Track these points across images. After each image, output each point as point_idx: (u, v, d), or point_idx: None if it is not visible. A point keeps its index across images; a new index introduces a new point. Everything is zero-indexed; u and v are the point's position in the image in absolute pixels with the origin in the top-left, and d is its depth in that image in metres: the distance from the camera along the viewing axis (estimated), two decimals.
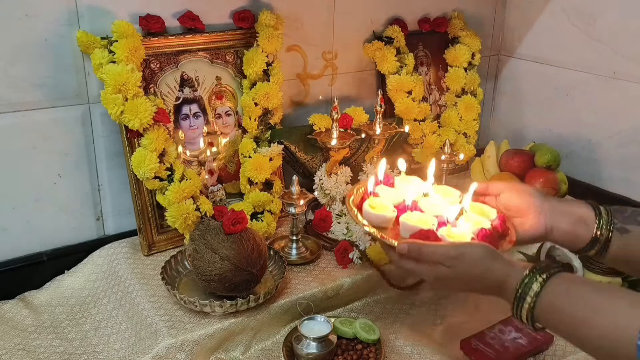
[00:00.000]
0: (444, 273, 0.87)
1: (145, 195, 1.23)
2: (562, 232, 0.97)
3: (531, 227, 0.98)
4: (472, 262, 0.86)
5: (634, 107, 1.53)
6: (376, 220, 0.97)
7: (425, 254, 0.87)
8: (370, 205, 0.99)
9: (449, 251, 0.87)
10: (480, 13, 1.78)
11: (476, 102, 1.66)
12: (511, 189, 1.02)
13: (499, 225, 0.98)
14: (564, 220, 0.97)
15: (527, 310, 0.81)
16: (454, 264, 0.86)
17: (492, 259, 0.86)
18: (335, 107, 1.29)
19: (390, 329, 1.14)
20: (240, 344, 1.07)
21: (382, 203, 1.01)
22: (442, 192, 1.07)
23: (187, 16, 1.25)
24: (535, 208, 0.98)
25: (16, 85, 1.12)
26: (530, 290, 0.81)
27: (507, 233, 0.98)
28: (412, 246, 0.88)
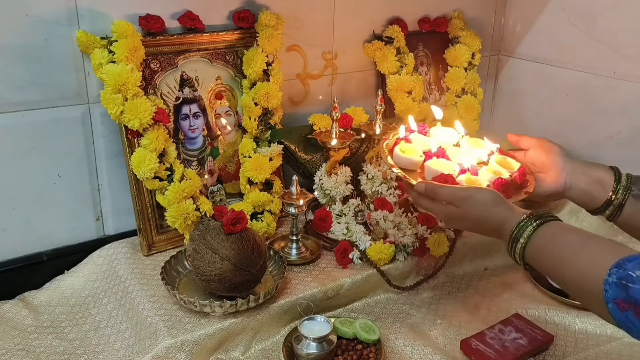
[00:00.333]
0: (453, 212, 0.97)
1: (145, 195, 1.23)
2: (578, 191, 1.05)
3: (551, 182, 1.07)
4: (477, 204, 0.95)
5: (634, 107, 1.53)
6: (404, 162, 1.08)
7: (439, 194, 0.98)
8: (401, 149, 1.10)
9: (459, 192, 0.97)
10: (480, 13, 1.78)
11: (476, 102, 1.66)
12: (539, 146, 1.11)
13: (517, 177, 1.06)
14: (582, 179, 1.05)
15: (519, 250, 0.89)
16: (461, 205, 0.96)
17: (495, 203, 0.94)
18: (335, 107, 1.29)
19: (390, 329, 1.14)
20: (240, 344, 1.07)
21: (412, 148, 1.11)
22: (474, 144, 1.17)
23: (187, 16, 1.25)
24: (558, 166, 1.07)
25: (16, 85, 1.12)
26: (524, 232, 0.88)
27: (525, 185, 1.06)
28: (429, 186, 0.99)
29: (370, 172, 1.40)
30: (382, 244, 1.24)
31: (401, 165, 1.08)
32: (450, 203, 0.97)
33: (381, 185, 1.41)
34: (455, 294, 1.28)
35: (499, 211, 0.93)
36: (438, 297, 1.26)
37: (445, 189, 0.98)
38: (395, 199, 1.41)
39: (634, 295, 0.72)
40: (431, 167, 1.05)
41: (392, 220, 1.31)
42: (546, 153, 1.09)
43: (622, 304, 0.73)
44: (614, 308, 0.74)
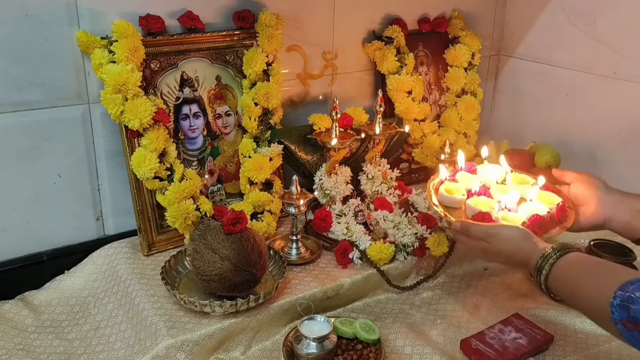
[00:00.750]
0: (485, 247, 1.05)
1: (145, 195, 1.23)
2: (619, 223, 1.10)
3: (591, 215, 1.12)
4: (505, 240, 1.03)
5: (634, 107, 1.53)
6: (447, 201, 1.16)
7: (471, 231, 1.06)
8: (445, 189, 1.18)
9: (489, 230, 1.04)
10: (480, 13, 1.78)
11: (476, 102, 1.66)
12: (581, 180, 1.17)
13: (556, 213, 1.11)
14: (622, 211, 1.10)
15: (543, 279, 0.95)
16: (491, 241, 1.03)
17: (522, 239, 1.01)
18: (335, 107, 1.29)
19: (390, 329, 1.14)
20: (240, 344, 1.07)
21: (456, 187, 1.19)
22: (518, 180, 1.23)
23: (187, 16, 1.25)
24: (598, 199, 1.12)
25: (16, 85, 1.12)
26: (546, 264, 0.95)
27: (563, 220, 1.12)
28: (463, 225, 1.08)
29: (370, 172, 1.40)
30: (382, 244, 1.24)
31: (446, 204, 1.16)
32: (482, 239, 1.04)
33: (381, 185, 1.41)
34: (455, 294, 1.28)
35: (525, 246, 1.00)
36: (438, 297, 1.26)
37: (476, 227, 1.06)
38: (395, 199, 1.41)
39: (635, 315, 0.78)
40: (471, 206, 1.12)
41: (392, 220, 1.31)
42: (586, 186, 1.15)
43: (628, 324, 0.80)
44: (622, 328, 0.81)
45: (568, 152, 1.68)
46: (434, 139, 1.59)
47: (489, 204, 1.13)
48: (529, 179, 1.23)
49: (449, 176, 1.23)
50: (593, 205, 1.12)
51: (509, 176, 1.24)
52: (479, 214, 1.09)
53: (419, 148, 1.61)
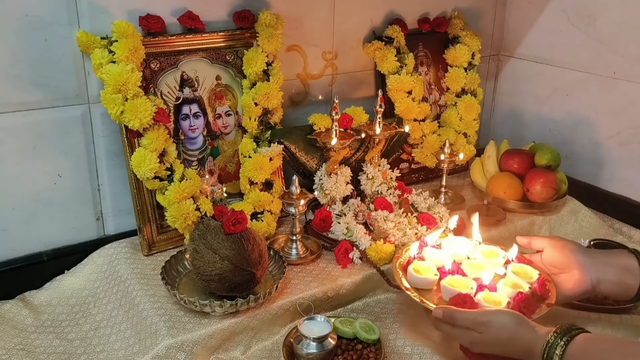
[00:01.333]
0: (476, 338, 0.94)
1: (145, 195, 1.23)
2: (610, 284, 1.02)
3: (576, 283, 1.04)
4: (499, 329, 0.92)
5: (634, 107, 1.53)
6: (420, 283, 1.08)
7: (458, 320, 0.95)
8: (414, 269, 1.09)
9: (478, 317, 0.94)
10: (480, 13, 1.78)
11: (476, 102, 1.66)
12: (553, 246, 1.08)
13: (537, 288, 1.03)
14: (609, 271, 1.02)
15: None
16: (483, 330, 0.93)
17: (517, 326, 0.92)
18: (335, 107, 1.29)
19: (390, 329, 1.14)
20: (240, 344, 1.07)
21: (426, 266, 1.10)
22: (487, 254, 1.15)
23: (187, 16, 1.25)
24: (578, 264, 1.04)
25: (16, 85, 1.12)
26: (554, 355, 0.87)
27: (546, 296, 1.04)
28: (446, 312, 0.97)
29: (370, 172, 1.40)
30: (382, 244, 1.24)
31: (416, 286, 1.08)
32: (470, 329, 0.94)
33: (381, 185, 1.41)
34: None
35: (523, 333, 0.91)
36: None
37: (462, 315, 0.95)
38: (395, 199, 1.41)
39: None
40: (447, 287, 1.04)
41: (392, 220, 1.31)
42: (561, 252, 1.07)
43: None
44: None
45: (568, 152, 1.68)
46: (434, 139, 1.60)
47: (465, 283, 1.05)
48: (498, 251, 1.15)
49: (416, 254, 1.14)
50: (576, 272, 1.04)
51: (477, 249, 1.16)
52: (458, 296, 1.00)
53: (419, 148, 1.61)
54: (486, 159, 1.63)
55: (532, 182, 1.47)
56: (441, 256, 1.14)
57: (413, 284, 1.08)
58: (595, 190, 1.63)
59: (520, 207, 1.49)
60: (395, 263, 1.13)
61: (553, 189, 1.47)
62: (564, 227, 1.50)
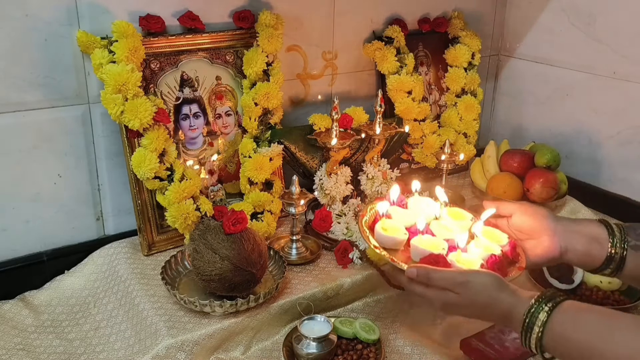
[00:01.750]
0: (451, 299, 0.89)
1: (145, 195, 1.23)
2: (576, 253, 0.98)
3: (545, 250, 0.99)
4: (478, 290, 0.87)
5: (634, 107, 1.53)
6: (388, 242, 1.01)
7: (434, 280, 0.90)
8: (383, 228, 1.02)
9: (456, 277, 0.89)
10: (480, 13, 1.78)
11: (476, 102, 1.66)
12: (523, 212, 1.03)
13: (509, 251, 1.00)
14: (577, 240, 0.98)
15: (535, 340, 0.82)
16: (461, 291, 0.88)
17: (498, 289, 0.87)
18: (335, 107, 1.29)
19: (390, 329, 1.14)
20: (240, 344, 1.07)
21: (395, 225, 1.04)
22: (455, 215, 1.10)
23: (187, 16, 1.25)
24: (548, 230, 1.00)
25: (16, 85, 1.12)
26: (537, 320, 0.81)
27: (517, 259, 1.00)
28: (421, 271, 0.91)
29: (370, 172, 1.40)
30: None
31: (384, 245, 1.00)
32: (446, 289, 0.89)
33: (381, 185, 1.41)
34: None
35: (503, 297, 0.86)
36: None
37: (439, 274, 0.90)
38: None
39: None
40: (418, 247, 0.98)
41: None
42: (532, 217, 1.02)
43: None
44: None
45: (568, 152, 1.68)
46: (434, 139, 1.60)
47: (436, 244, 0.99)
48: (465, 214, 1.10)
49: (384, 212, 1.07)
50: (546, 238, 0.99)
51: (444, 210, 1.10)
52: (430, 257, 0.94)
53: (419, 148, 1.61)
54: (486, 159, 1.63)
55: (532, 182, 1.47)
56: (408, 216, 1.07)
57: (382, 244, 1.00)
58: (595, 190, 1.63)
59: None
60: (361, 221, 1.05)
61: (553, 189, 1.47)
62: None
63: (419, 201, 1.13)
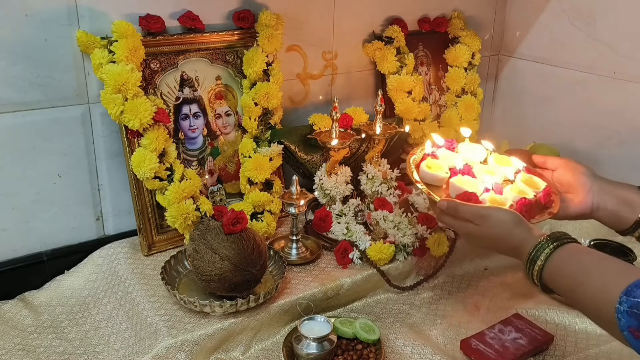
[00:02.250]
0: (473, 230, 0.99)
1: (145, 195, 1.23)
2: (606, 212, 1.05)
3: (579, 203, 1.07)
4: (495, 223, 0.97)
5: (634, 107, 1.53)
6: (430, 178, 1.10)
7: (460, 212, 1.00)
8: (427, 165, 1.12)
9: (479, 211, 0.99)
10: (480, 13, 1.78)
11: (476, 102, 1.66)
12: (565, 166, 1.12)
13: (542, 197, 1.06)
14: (609, 200, 1.04)
15: (536, 271, 0.90)
16: (481, 222, 0.97)
17: (514, 224, 0.96)
18: (335, 107, 1.29)
19: (390, 329, 1.14)
20: (240, 344, 1.07)
21: (439, 164, 1.13)
22: (501, 162, 1.17)
23: (187, 16, 1.25)
24: (585, 186, 1.07)
25: (16, 85, 1.12)
26: (541, 254, 0.89)
27: (549, 205, 1.07)
28: (450, 204, 1.02)
29: (370, 172, 1.40)
30: (382, 244, 1.24)
31: (427, 181, 1.10)
32: (469, 221, 0.99)
33: (381, 185, 1.41)
34: (455, 294, 1.28)
35: (517, 232, 0.95)
36: (438, 297, 1.26)
37: (465, 207, 1.00)
38: (395, 199, 1.41)
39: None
40: (456, 185, 1.06)
41: (392, 220, 1.31)
42: (572, 173, 1.10)
43: (636, 332, 0.74)
44: (629, 336, 0.75)
45: (568, 152, 1.68)
46: None
47: (473, 184, 1.08)
48: (513, 161, 1.17)
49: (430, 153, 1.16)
50: (581, 194, 1.07)
51: (491, 156, 1.18)
52: (464, 194, 1.03)
53: None
54: None
55: None
56: (455, 158, 1.15)
57: (424, 180, 1.10)
58: None
59: None
60: (410, 158, 1.14)
61: None
62: (564, 227, 1.50)
63: (468, 146, 1.21)
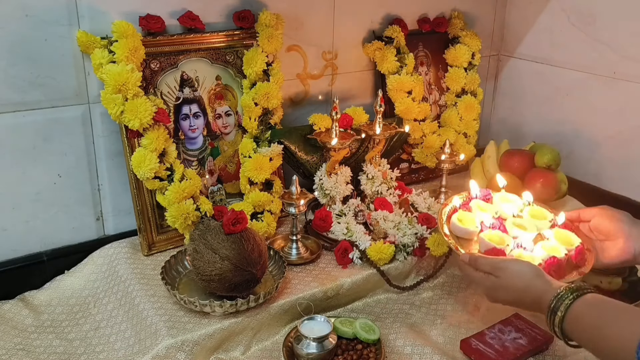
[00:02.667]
0: (493, 282, 1.00)
1: (145, 195, 1.23)
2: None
3: (619, 251, 1.07)
4: (514, 274, 0.97)
5: (634, 107, 1.54)
6: (460, 232, 1.12)
7: (480, 264, 1.02)
8: (458, 218, 1.14)
9: (497, 263, 1.00)
10: (480, 13, 1.78)
11: (476, 102, 1.66)
12: (602, 214, 1.11)
13: (573, 256, 1.06)
14: None
15: (558, 322, 0.90)
16: (500, 274, 0.99)
17: (534, 276, 0.96)
18: (335, 107, 1.29)
19: (390, 329, 1.14)
20: (240, 344, 1.07)
21: (470, 217, 1.14)
22: (536, 215, 1.17)
23: (187, 16, 1.25)
24: (624, 233, 1.07)
25: (16, 85, 1.12)
26: (562, 305, 0.90)
27: (581, 264, 1.06)
28: (472, 257, 1.04)
29: (370, 172, 1.40)
30: (382, 244, 1.24)
31: (458, 234, 1.12)
32: (489, 273, 1.00)
33: (381, 185, 1.41)
34: (455, 294, 1.28)
35: (537, 284, 0.95)
36: (438, 297, 1.26)
37: (484, 260, 1.02)
38: (395, 199, 1.41)
39: None
40: (484, 240, 1.07)
41: (392, 220, 1.31)
42: (610, 220, 1.09)
43: None
44: None
45: (568, 152, 1.68)
46: (434, 139, 1.60)
47: (503, 239, 1.08)
48: (547, 214, 1.17)
49: (462, 204, 1.18)
50: (621, 240, 1.06)
51: (526, 209, 1.18)
52: (492, 250, 1.05)
53: (419, 148, 1.61)
54: (486, 159, 1.63)
55: (532, 182, 1.47)
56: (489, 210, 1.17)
57: (455, 232, 1.11)
58: (595, 190, 1.63)
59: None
60: (442, 210, 1.16)
61: (553, 189, 1.47)
62: None
63: (504, 197, 1.22)
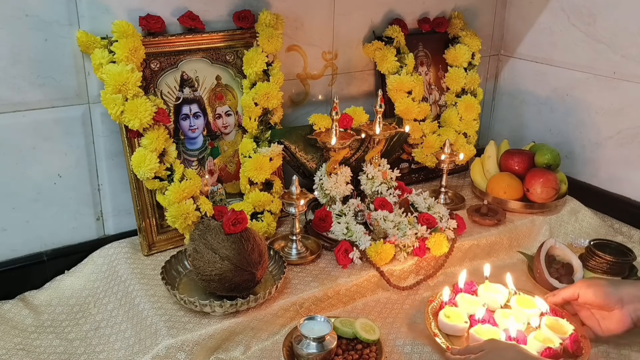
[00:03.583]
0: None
1: (145, 195, 1.23)
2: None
3: (617, 323, 1.04)
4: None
5: (634, 107, 1.53)
6: (449, 329, 1.09)
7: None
8: (445, 315, 1.11)
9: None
10: (480, 13, 1.78)
11: (476, 102, 1.66)
12: (582, 288, 1.09)
13: (569, 345, 1.03)
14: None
15: None
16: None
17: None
18: (335, 107, 1.29)
19: (390, 329, 1.14)
20: (240, 344, 1.07)
21: (458, 312, 1.12)
22: (524, 304, 1.15)
23: (187, 16, 1.25)
24: (615, 302, 1.04)
25: (16, 85, 1.12)
26: None
27: (578, 353, 1.03)
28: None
29: (370, 172, 1.40)
30: (382, 244, 1.24)
31: (446, 331, 1.09)
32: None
33: (381, 185, 1.41)
34: None
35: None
36: None
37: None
38: (395, 199, 1.41)
39: None
40: (475, 336, 1.05)
41: (392, 220, 1.31)
42: (593, 293, 1.07)
43: None
44: None
45: (568, 152, 1.68)
46: (434, 139, 1.60)
47: (494, 333, 1.06)
48: (536, 302, 1.15)
49: (449, 299, 1.16)
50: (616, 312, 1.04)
51: (513, 298, 1.17)
52: None
53: (419, 148, 1.61)
54: (486, 159, 1.63)
55: (532, 182, 1.47)
56: (475, 304, 1.15)
57: (443, 330, 1.09)
58: (595, 190, 1.63)
59: (520, 207, 1.50)
60: (428, 307, 1.14)
61: (553, 189, 1.47)
62: (564, 227, 1.50)
63: (489, 288, 1.19)
